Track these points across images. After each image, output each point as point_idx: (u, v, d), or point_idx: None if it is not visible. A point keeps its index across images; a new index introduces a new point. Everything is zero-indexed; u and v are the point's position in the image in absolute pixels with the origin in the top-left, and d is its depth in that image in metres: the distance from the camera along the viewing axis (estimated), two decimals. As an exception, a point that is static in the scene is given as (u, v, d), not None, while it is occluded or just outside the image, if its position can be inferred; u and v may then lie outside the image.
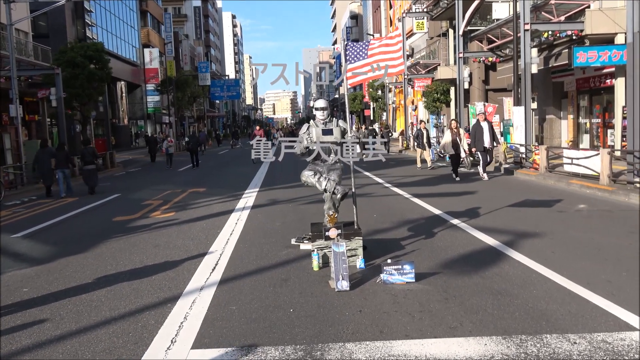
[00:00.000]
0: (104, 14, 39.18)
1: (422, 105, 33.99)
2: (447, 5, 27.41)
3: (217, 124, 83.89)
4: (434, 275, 5.59)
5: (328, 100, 29.70)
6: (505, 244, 6.84)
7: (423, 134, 18.60)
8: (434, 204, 10.17)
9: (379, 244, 7.03)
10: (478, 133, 14.44)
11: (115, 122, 41.32)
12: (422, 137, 18.58)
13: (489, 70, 26.25)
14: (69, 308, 5.04)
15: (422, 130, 18.74)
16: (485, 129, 14.43)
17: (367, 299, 4.92)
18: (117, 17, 41.89)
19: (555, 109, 21.24)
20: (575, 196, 10.98)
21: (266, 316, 4.59)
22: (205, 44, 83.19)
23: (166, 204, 12.08)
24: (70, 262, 6.87)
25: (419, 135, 18.73)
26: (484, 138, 14.35)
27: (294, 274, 5.84)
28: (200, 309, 4.83)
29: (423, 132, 18.67)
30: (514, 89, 17.23)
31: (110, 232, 8.93)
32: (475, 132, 14.55)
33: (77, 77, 23.96)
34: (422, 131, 18.70)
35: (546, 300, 4.71)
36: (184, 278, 5.86)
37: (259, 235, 8.10)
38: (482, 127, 14.46)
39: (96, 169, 15.94)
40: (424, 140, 18.53)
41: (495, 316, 4.39)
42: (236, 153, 36.72)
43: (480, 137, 14.37)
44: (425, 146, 18.54)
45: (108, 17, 39.93)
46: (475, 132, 14.55)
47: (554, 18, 17.70)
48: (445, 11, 27.81)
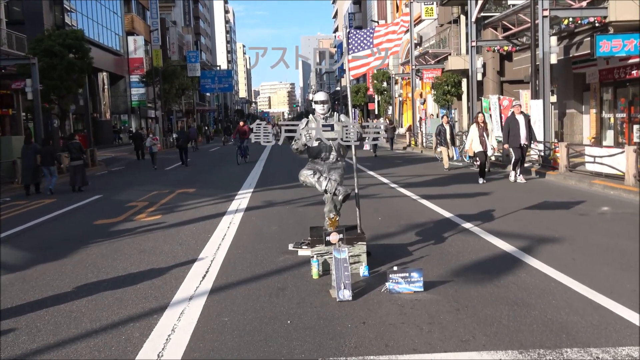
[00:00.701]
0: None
1: (431, 99, 34.00)
2: (458, -11, 27.42)
3: (207, 118, 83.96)
4: (444, 283, 5.59)
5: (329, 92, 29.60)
6: (521, 249, 6.85)
7: (446, 130, 17.87)
8: (444, 206, 10.18)
9: (384, 250, 7.03)
10: (513, 127, 13.58)
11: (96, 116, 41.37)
12: (444, 133, 17.83)
13: (504, 60, 26.26)
14: (46, 319, 5.05)
15: (444, 126, 17.98)
16: (521, 122, 13.59)
17: (372, 310, 4.93)
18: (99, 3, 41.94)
19: (577, 102, 21.25)
20: (598, 198, 10.99)
21: (261, 328, 4.59)
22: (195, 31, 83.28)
23: (152, 205, 12.09)
24: (48, 270, 6.87)
25: (441, 132, 17.94)
26: (519, 133, 13.54)
27: (291, 283, 5.84)
28: (189, 320, 4.84)
29: (446, 127, 17.93)
30: (531, 81, 17.23)
31: (91, 236, 8.93)
32: (510, 126, 13.70)
33: (54, 68, 23.97)
34: (445, 127, 17.95)
35: (566, 311, 4.72)
36: (171, 287, 5.86)
37: (254, 240, 8.10)
38: (518, 120, 13.63)
39: (84, 165, 16.28)
40: (447, 137, 17.81)
41: (511, 328, 4.39)
42: (228, 150, 36.73)
43: (515, 132, 13.55)
44: (448, 144, 17.88)
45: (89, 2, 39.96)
46: (510, 126, 13.70)
47: (575, 3, 17.72)
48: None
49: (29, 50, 24.20)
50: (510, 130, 13.69)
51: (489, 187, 13.08)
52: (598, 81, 19.76)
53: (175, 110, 55.10)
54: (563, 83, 21.37)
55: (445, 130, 17.85)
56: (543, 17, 15.67)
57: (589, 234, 7.70)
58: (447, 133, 17.83)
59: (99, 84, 42.40)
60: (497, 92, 25.33)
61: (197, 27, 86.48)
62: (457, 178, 15.24)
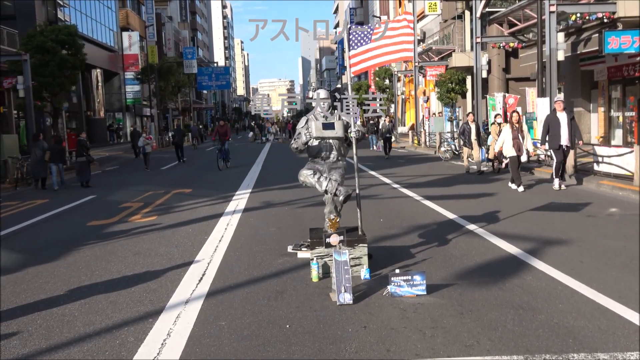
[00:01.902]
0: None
1: (434, 96, 34.00)
2: (463, -16, 27.44)
3: (204, 116, 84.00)
4: (447, 287, 5.60)
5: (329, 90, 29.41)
6: (527, 252, 6.85)
7: (471, 129, 16.46)
8: (448, 207, 10.19)
9: (386, 252, 7.05)
10: (554, 126, 12.26)
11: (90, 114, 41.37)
12: (469, 133, 16.41)
13: (510, 57, 26.27)
14: (38, 323, 5.05)
15: (469, 125, 16.58)
16: (562, 121, 12.25)
17: (373, 314, 4.93)
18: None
19: (584, 100, 21.26)
20: (606, 199, 11.00)
21: (259, 333, 4.60)
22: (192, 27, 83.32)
23: (147, 206, 12.10)
24: (40, 272, 6.88)
25: (465, 131, 16.54)
26: (561, 133, 12.22)
27: (290, 286, 5.85)
28: (185, 324, 4.84)
29: (471, 126, 16.52)
30: (538, 78, 17.25)
31: (84, 238, 8.94)
32: (550, 124, 12.37)
33: (47, 64, 23.97)
34: (470, 125, 16.54)
35: (573, 316, 4.73)
36: (167, 290, 5.87)
37: (252, 241, 8.11)
38: (559, 118, 12.30)
39: (88, 162, 17.39)
40: (472, 136, 16.38)
41: (517, 333, 4.40)
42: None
43: (556, 132, 12.23)
44: (473, 144, 16.39)
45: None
46: (550, 124, 12.37)
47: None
48: (461, -10, 27.85)
49: (21, 47, 24.19)
50: (550, 129, 12.38)
51: (493, 187, 13.08)
52: (606, 79, 19.77)
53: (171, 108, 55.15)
54: (570, 81, 21.38)
55: (470, 129, 16.48)
56: (550, 12, 15.66)
57: (597, 236, 7.71)
58: (472, 132, 16.47)
59: (92, 81, 42.42)
60: (502, 89, 25.33)
61: (194, 23, 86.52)
62: (459, 178, 15.25)
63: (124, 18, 48.89)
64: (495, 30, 24.65)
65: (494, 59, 26.12)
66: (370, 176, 16.26)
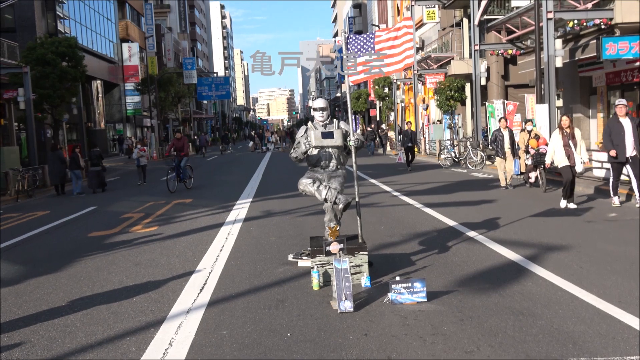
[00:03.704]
0: (78, 5, 39.41)
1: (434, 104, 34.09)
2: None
3: (204, 126, 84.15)
4: (448, 293, 5.62)
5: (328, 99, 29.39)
6: (527, 258, 6.87)
7: (503, 136, 14.49)
8: (448, 215, 10.22)
9: (387, 260, 7.06)
10: (616, 135, 10.44)
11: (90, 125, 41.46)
12: (501, 141, 14.37)
13: (509, 64, 26.36)
14: (40, 334, 5.07)
15: (501, 132, 14.59)
16: (627, 128, 10.39)
17: (373, 321, 4.95)
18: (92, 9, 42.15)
19: (583, 106, 21.33)
20: (606, 205, 11.01)
21: (261, 341, 4.62)
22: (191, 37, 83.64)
23: (148, 217, 12.13)
24: (42, 283, 6.91)
25: (497, 138, 14.49)
26: (625, 142, 10.37)
27: (291, 294, 5.87)
28: (187, 334, 4.86)
29: (503, 133, 14.54)
30: (536, 85, 17.31)
31: (85, 249, 8.97)
32: (611, 132, 10.53)
33: (47, 77, 24.10)
34: (502, 133, 14.56)
35: (573, 321, 4.75)
36: (168, 300, 5.89)
37: (253, 251, 8.13)
38: (623, 125, 10.43)
39: (102, 170, 19.00)
40: (506, 145, 14.36)
41: (517, 339, 4.42)
42: (226, 159, 36.81)
43: (619, 141, 10.38)
44: (507, 154, 14.29)
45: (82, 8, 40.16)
46: (611, 132, 10.53)
47: (580, 5, 17.81)
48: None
49: (21, 59, 24.33)
50: (612, 136, 10.53)
51: (493, 194, 13.11)
52: (605, 84, 19.84)
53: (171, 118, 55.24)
54: (569, 87, 21.46)
55: (503, 137, 14.44)
56: (547, 19, 15.76)
57: (597, 242, 7.72)
58: (504, 141, 14.42)
59: (92, 92, 42.54)
60: (501, 96, 25.41)
61: (194, 34, 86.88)
62: (460, 185, 15.27)
63: (123, 29, 49.10)
64: (493, 38, 24.76)
65: (493, 66, 26.22)
66: (370, 184, 16.29)
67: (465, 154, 20.73)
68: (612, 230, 8.66)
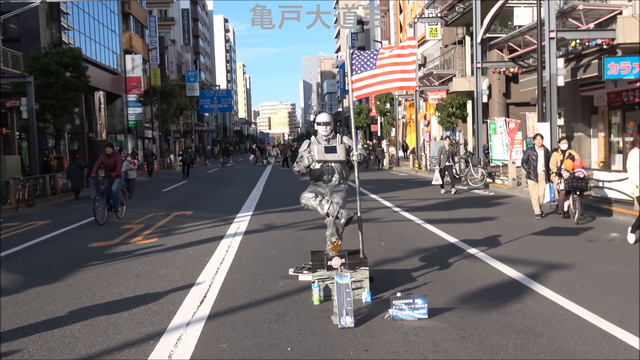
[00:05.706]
0: (82, 17, 39.65)
1: (435, 120, 34.21)
2: (463, 10, 27.82)
3: (206, 139, 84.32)
4: (449, 310, 5.60)
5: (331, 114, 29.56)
6: (529, 276, 6.86)
7: (538, 155, 12.30)
8: (450, 231, 10.21)
9: (388, 275, 7.05)
10: None
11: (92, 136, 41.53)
12: (535, 161, 12.25)
13: (510, 82, 26.52)
14: (39, 344, 5.05)
15: (535, 151, 12.37)
16: None
17: (374, 337, 4.93)
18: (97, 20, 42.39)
19: (584, 125, 21.39)
20: (607, 224, 11.01)
21: (261, 355, 4.60)
22: (194, 50, 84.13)
23: (148, 228, 12.12)
24: (41, 293, 6.88)
25: (529, 158, 12.30)
26: None
27: (292, 308, 5.85)
28: (186, 347, 4.84)
29: (538, 152, 12.33)
30: (538, 104, 17.39)
31: (85, 259, 8.94)
32: None
33: (50, 86, 24.20)
34: (537, 151, 12.35)
35: (575, 340, 4.73)
36: (168, 312, 5.87)
37: (253, 264, 8.12)
38: None
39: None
40: (540, 167, 12.24)
41: (518, 357, 4.40)
42: (227, 172, 36.85)
43: None
44: (540, 178, 12.22)
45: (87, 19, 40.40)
46: None
47: (583, 25, 17.95)
48: (462, 16, 28.21)
49: (25, 69, 24.42)
50: None
51: (494, 211, 13.10)
52: (606, 104, 19.92)
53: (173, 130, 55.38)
54: (570, 106, 21.53)
55: (537, 157, 12.29)
56: (550, 38, 15.87)
57: (598, 261, 7.72)
58: (538, 162, 12.26)
59: (95, 103, 42.64)
60: (503, 114, 25.50)
61: (197, 46, 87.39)
62: (460, 202, 15.27)
63: (127, 41, 49.35)
64: (495, 56, 24.91)
65: (495, 84, 26.35)
66: (371, 199, 16.29)
67: (466, 171, 20.75)
68: (613, 250, 8.64)
